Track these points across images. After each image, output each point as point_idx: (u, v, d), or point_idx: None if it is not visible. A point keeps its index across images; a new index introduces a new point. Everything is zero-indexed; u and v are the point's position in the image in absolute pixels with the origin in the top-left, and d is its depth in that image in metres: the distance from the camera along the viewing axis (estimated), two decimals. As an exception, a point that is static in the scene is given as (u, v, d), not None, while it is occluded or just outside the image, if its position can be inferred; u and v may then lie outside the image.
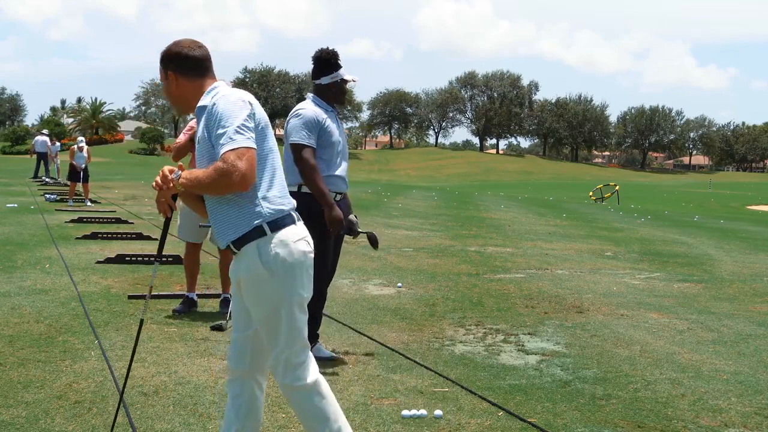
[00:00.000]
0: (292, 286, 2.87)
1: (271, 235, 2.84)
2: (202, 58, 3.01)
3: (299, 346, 2.92)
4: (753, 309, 7.45)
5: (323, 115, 4.91)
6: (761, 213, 31.90)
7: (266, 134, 2.90)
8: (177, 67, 2.99)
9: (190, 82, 3.00)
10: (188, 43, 3.02)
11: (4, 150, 71.06)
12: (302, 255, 2.89)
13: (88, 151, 17.29)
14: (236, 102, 2.83)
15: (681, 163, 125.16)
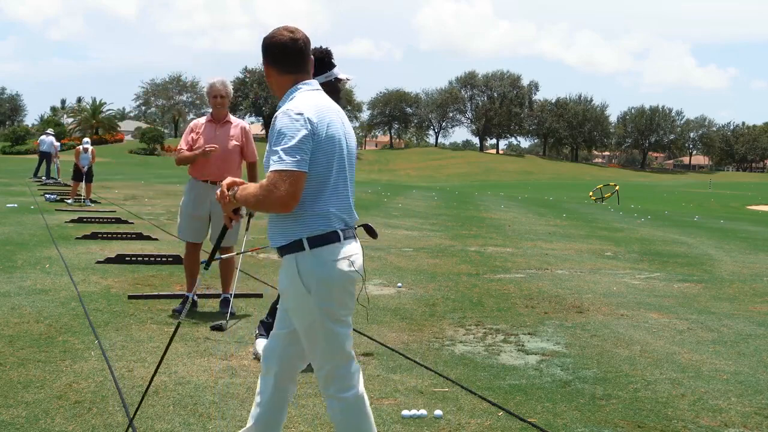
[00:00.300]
0: (329, 304, 2.85)
1: (309, 251, 2.82)
2: (292, 52, 2.92)
3: (339, 360, 2.90)
4: (753, 309, 7.45)
5: None
6: (761, 213, 31.90)
7: (332, 148, 2.85)
8: (268, 57, 2.96)
9: (279, 76, 2.96)
10: (283, 33, 2.93)
11: (4, 150, 71.05)
12: (341, 274, 2.84)
13: (92, 152, 17.31)
14: (296, 120, 2.77)
15: (681, 163, 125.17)
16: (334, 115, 2.92)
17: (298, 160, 2.73)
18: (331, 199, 2.87)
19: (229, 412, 3.93)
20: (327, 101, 2.95)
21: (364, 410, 2.95)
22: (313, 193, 2.82)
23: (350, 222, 2.93)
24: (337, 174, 2.89)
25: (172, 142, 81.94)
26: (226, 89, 6.17)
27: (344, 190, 2.93)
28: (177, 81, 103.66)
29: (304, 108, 2.82)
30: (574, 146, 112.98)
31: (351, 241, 2.91)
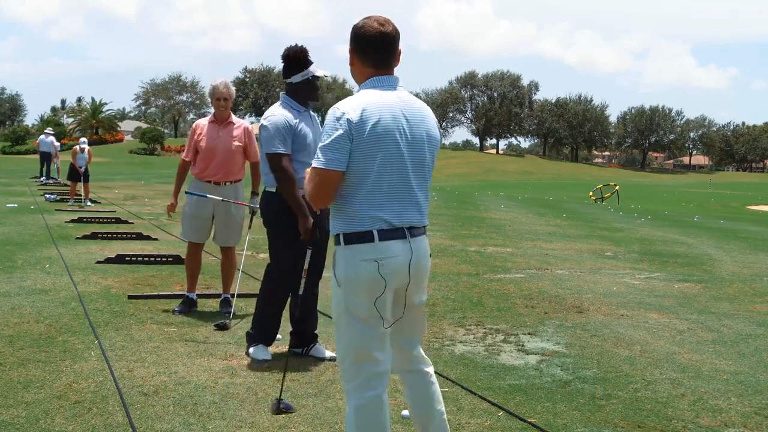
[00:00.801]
0: (353, 301, 2.88)
1: (344, 247, 2.89)
2: (379, 46, 2.91)
3: (360, 357, 2.90)
4: (753, 309, 7.45)
5: (294, 118, 4.85)
6: (761, 213, 31.90)
7: (376, 147, 2.83)
8: (354, 46, 2.97)
9: (362, 67, 2.97)
10: (372, 25, 2.92)
11: (4, 150, 71.11)
12: (365, 275, 2.84)
13: (89, 152, 17.29)
14: (336, 119, 2.83)
15: (681, 163, 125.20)
16: (387, 113, 2.86)
17: (328, 159, 2.80)
18: (369, 199, 2.85)
19: (229, 412, 3.93)
20: (384, 99, 2.88)
21: (380, 415, 2.90)
22: (350, 191, 2.86)
23: (397, 223, 2.88)
24: (384, 173, 2.85)
25: (172, 142, 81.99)
26: (229, 91, 6.17)
27: (393, 189, 2.88)
28: (177, 81, 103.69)
29: (349, 108, 2.84)
30: (574, 146, 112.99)
31: (390, 243, 2.86)
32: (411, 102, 2.98)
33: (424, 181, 2.98)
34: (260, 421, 3.82)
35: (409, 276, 2.91)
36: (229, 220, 6.25)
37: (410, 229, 2.91)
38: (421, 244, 2.96)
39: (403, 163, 2.89)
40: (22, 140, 75.22)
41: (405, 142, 2.89)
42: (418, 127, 2.95)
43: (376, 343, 2.91)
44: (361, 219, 2.85)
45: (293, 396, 4.23)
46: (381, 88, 2.93)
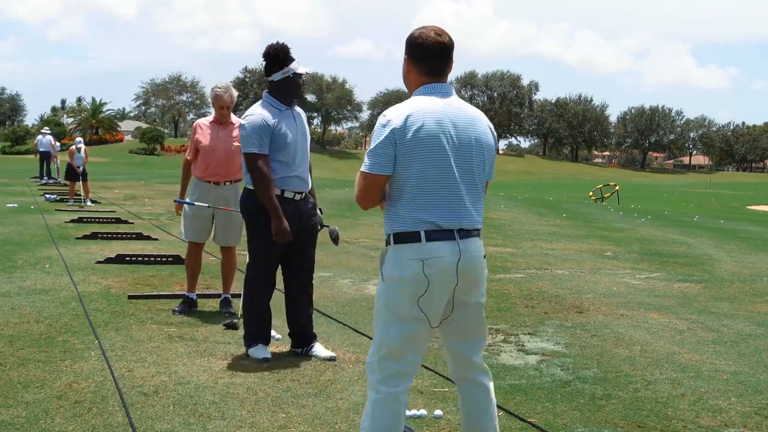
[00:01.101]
0: (391, 299, 2.96)
1: (393, 246, 2.98)
2: (435, 56, 3.00)
3: (391, 353, 2.96)
4: (753, 309, 7.45)
5: (272, 118, 4.87)
6: (761, 213, 31.89)
7: (421, 151, 2.90)
8: (410, 53, 3.04)
9: (417, 75, 3.04)
10: (430, 35, 3.00)
11: (4, 150, 71.08)
12: (410, 274, 2.90)
13: (85, 152, 17.28)
14: (382, 125, 2.93)
15: (681, 163, 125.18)
16: (432, 119, 2.92)
17: (372, 163, 2.91)
18: (415, 201, 2.93)
19: (229, 412, 3.93)
20: (431, 105, 2.95)
21: (395, 412, 2.96)
22: (398, 193, 2.96)
23: (444, 224, 2.93)
24: (429, 176, 2.92)
25: (172, 142, 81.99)
26: (231, 99, 6.19)
27: (439, 192, 2.93)
28: (177, 81, 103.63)
29: (395, 114, 2.93)
30: (574, 146, 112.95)
31: (438, 243, 2.91)
32: (461, 108, 3.06)
33: (473, 184, 3.02)
34: (260, 421, 3.83)
35: (457, 278, 2.95)
36: (229, 220, 6.25)
37: (460, 231, 2.96)
38: (471, 245, 2.99)
39: (449, 166, 2.95)
40: (22, 140, 75.16)
41: (451, 146, 2.95)
42: (466, 132, 3.01)
43: (410, 345, 2.97)
44: (408, 220, 2.94)
45: (293, 396, 4.23)
46: (431, 95, 3.01)
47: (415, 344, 2.98)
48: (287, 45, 5.01)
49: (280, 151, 4.88)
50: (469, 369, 3.12)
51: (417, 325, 2.94)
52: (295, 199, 4.95)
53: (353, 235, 13.01)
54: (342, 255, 10.11)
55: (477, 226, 3.03)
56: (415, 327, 2.94)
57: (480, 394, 3.12)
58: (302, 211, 5.01)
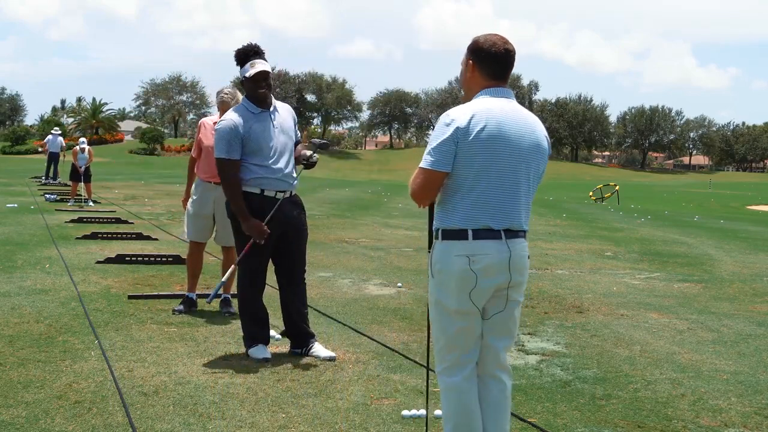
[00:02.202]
0: (443, 293, 3.07)
1: (441, 242, 3.07)
2: (499, 60, 3.09)
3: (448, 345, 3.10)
4: (753, 309, 7.45)
5: (243, 122, 4.88)
6: (761, 213, 31.89)
7: (481, 151, 2.97)
8: (476, 57, 3.12)
9: (480, 78, 3.13)
10: (497, 41, 3.10)
11: (4, 150, 71.08)
12: (456, 269, 3.01)
13: (89, 152, 17.29)
14: (445, 124, 3.00)
15: (681, 163, 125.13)
16: (494, 121, 2.99)
17: (433, 160, 2.99)
18: (469, 200, 3.02)
19: (229, 412, 3.93)
20: (494, 108, 3.03)
21: (463, 398, 3.09)
22: (452, 191, 3.04)
23: (494, 225, 3.02)
24: (486, 177, 3.00)
25: (172, 142, 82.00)
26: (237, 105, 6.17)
27: (493, 193, 3.02)
28: (177, 81, 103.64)
29: (459, 114, 3.01)
30: (574, 146, 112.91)
31: (484, 242, 3.01)
32: (522, 113, 3.12)
33: (527, 188, 3.11)
34: (260, 421, 3.83)
35: (509, 273, 3.06)
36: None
37: (507, 231, 3.06)
38: (518, 244, 3.11)
39: (507, 169, 3.03)
40: (22, 140, 75.20)
41: (511, 149, 3.02)
42: (526, 136, 3.07)
43: (461, 337, 3.09)
44: (459, 217, 3.03)
45: (293, 396, 4.23)
46: (494, 99, 3.08)
47: (466, 336, 3.09)
48: (252, 45, 5.03)
49: (254, 155, 4.90)
50: (495, 365, 3.18)
51: (466, 318, 3.07)
52: (277, 198, 4.94)
53: (353, 235, 13.01)
54: (342, 255, 10.11)
55: (524, 228, 3.16)
56: (464, 320, 3.07)
57: (500, 392, 3.19)
58: (286, 210, 4.98)
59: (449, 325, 3.08)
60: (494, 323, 3.14)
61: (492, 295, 3.08)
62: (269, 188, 4.92)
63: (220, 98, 6.22)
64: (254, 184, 4.90)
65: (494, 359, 3.18)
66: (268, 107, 5.02)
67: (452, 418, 3.11)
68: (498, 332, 3.16)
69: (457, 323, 3.07)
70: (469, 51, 3.15)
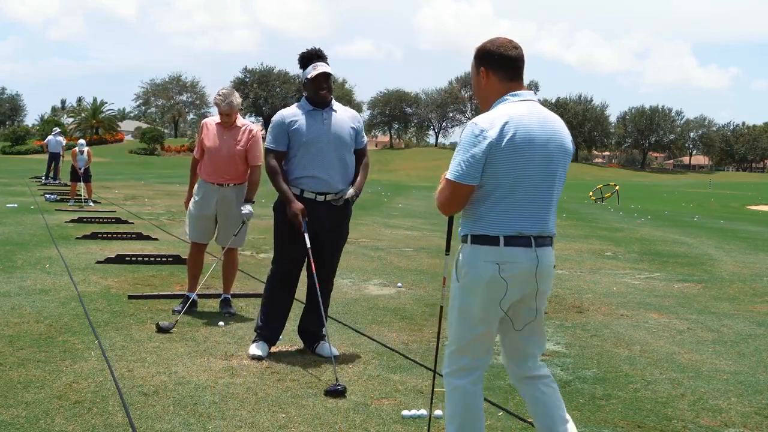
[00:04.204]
0: (465, 298, 3.04)
1: (470, 246, 3.04)
2: (512, 61, 3.07)
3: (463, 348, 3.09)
4: (753, 309, 7.46)
5: (292, 117, 4.98)
6: (761, 213, 31.89)
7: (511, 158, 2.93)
8: (488, 63, 3.08)
9: (497, 83, 3.09)
10: (505, 43, 3.08)
11: (4, 150, 71.05)
12: (485, 275, 2.97)
13: (88, 153, 17.29)
14: (474, 134, 2.93)
15: (681, 163, 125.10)
16: (523, 127, 2.96)
17: (460, 172, 2.93)
18: (500, 207, 2.97)
19: (229, 412, 3.93)
20: (521, 113, 2.99)
21: (467, 402, 3.09)
22: (482, 198, 2.99)
23: (525, 232, 2.98)
24: (517, 184, 2.96)
25: (172, 142, 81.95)
26: (231, 107, 6.12)
27: (524, 200, 2.98)
28: (177, 81, 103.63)
29: (488, 123, 2.95)
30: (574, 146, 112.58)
31: (515, 249, 2.97)
32: (546, 115, 3.10)
33: (555, 191, 3.09)
34: (260, 421, 3.83)
35: (536, 282, 3.01)
36: (231, 221, 6.25)
37: (536, 237, 3.02)
38: (546, 252, 3.06)
39: (537, 174, 3.00)
40: (22, 140, 75.14)
41: (540, 155, 3.00)
42: (552, 140, 3.06)
43: (479, 342, 3.08)
44: (489, 224, 2.99)
45: (293, 396, 4.23)
46: (519, 103, 3.05)
47: (484, 341, 3.09)
48: (315, 49, 5.09)
49: (294, 150, 4.98)
50: (532, 367, 3.17)
51: (488, 323, 3.05)
52: (317, 200, 4.95)
53: (353, 235, 13.00)
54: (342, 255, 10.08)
55: (553, 232, 3.11)
56: (485, 325, 3.05)
57: (546, 386, 3.16)
58: (320, 214, 4.97)
59: (470, 330, 3.05)
60: (528, 332, 3.12)
61: (518, 302, 3.05)
62: (307, 189, 4.95)
63: (214, 100, 6.22)
64: (295, 184, 4.97)
65: (530, 362, 3.16)
66: (322, 107, 5.03)
67: (456, 419, 3.11)
68: (533, 341, 3.15)
69: (478, 328, 3.05)
70: (478, 59, 3.11)
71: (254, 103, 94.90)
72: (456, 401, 3.11)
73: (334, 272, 5.28)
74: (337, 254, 5.26)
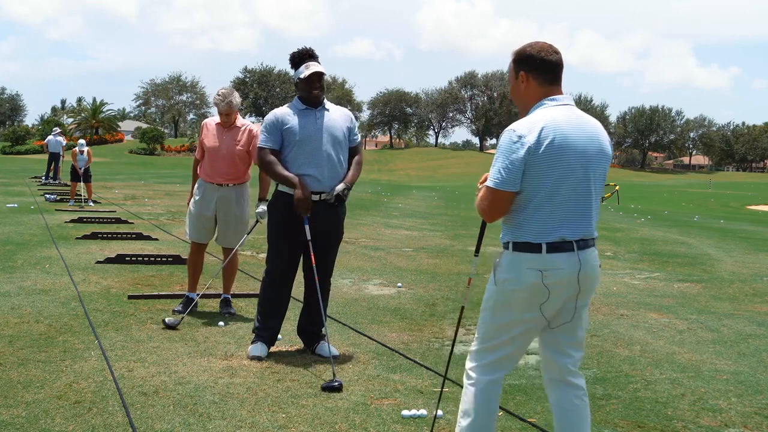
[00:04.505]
0: (503, 301, 3.02)
1: (511, 253, 3.03)
2: (552, 66, 3.06)
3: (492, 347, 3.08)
4: (753, 309, 7.46)
5: (285, 116, 4.98)
6: (761, 213, 31.89)
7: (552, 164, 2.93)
8: (527, 66, 3.07)
9: (536, 86, 3.07)
10: (545, 47, 3.07)
11: (4, 150, 71.03)
12: (526, 282, 2.96)
13: (88, 153, 17.28)
14: (512, 141, 2.93)
15: (681, 163, 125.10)
16: (562, 132, 2.95)
17: (500, 179, 2.93)
18: (541, 213, 2.96)
19: (229, 412, 3.93)
20: (560, 118, 2.98)
21: (488, 402, 3.08)
22: (523, 204, 2.98)
23: (568, 237, 2.98)
24: (558, 189, 2.96)
25: (172, 142, 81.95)
26: (230, 107, 6.10)
27: (566, 205, 2.99)
28: (177, 81, 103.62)
29: (527, 128, 2.94)
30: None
31: (557, 255, 2.96)
32: (584, 119, 3.10)
33: (596, 194, 3.11)
34: (260, 421, 3.83)
35: (578, 286, 3.01)
36: (231, 221, 6.25)
37: (578, 241, 3.01)
38: (589, 255, 3.06)
39: (577, 179, 3.00)
40: (22, 140, 75.14)
41: (580, 158, 3.00)
42: (592, 143, 3.06)
43: (510, 345, 3.07)
44: (531, 231, 2.98)
45: (293, 396, 4.23)
46: (556, 108, 3.04)
47: (515, 343, 3.07)
48: (307, 48, 5.09)
49: (287, 148, 4.97)
50: (568, 372, 3.14)
51: (523, 327, 3.04)
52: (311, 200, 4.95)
53: (353, 235, 13.01)
54: (342, 255, 10.08)
55: (595, 235, 3.11)
56: (520, 329, 3.04)
57: (577, 398, 3.13)
58: (319, 213, 4.97)
59: (505, 330, 3.04)
60: (563, 331, 3.10)
61: (561, 305, 3.04)
62: None
63: (213, 100, 6.23)
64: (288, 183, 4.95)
65: (567, 366, 3.14)
66: (315, 106, 5.03)
67: (471, 415, 3.09)
68: (568, 341, 3.12)
69: (514, 330, 3.04)
70: (517, 63, 3.09)
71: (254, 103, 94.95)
72: (474, 397, 3.09)
73: (330, 272, 5.27)
74: (333, 253, 5.25)
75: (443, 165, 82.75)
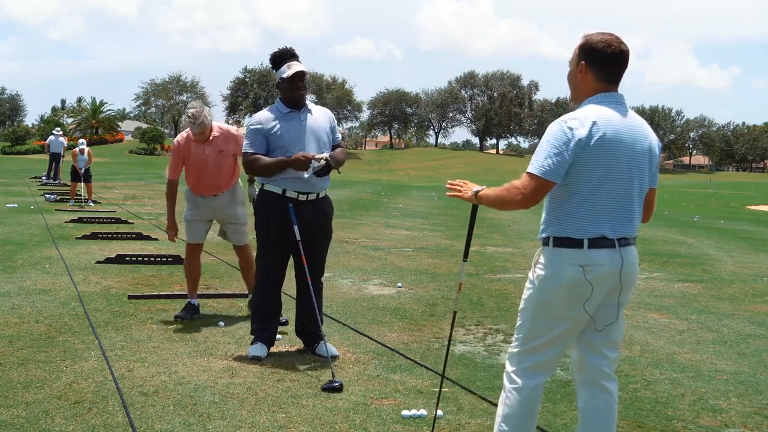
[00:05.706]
0: (547, 299, 2.99)
1: (551, 249, 2.99)
2: (615, 62, 2.99)
3: (534, 348, 3.04)
4: (753, 309, 7.46)
5: (268, 120, 4.96)
6: (761, 213, 31.90)
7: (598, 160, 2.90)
8: (589, 58, 3.01)
9: (593, 80, 3.02)
10: (614, 43, 2.99)
11: (4, 150, 71.03)
12: (567, 278, 2.94)
13: (89, 153, 17.28)
14: (562, 132, 2.90)
15: (681, 163, 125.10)
16: (612, 128, 2.93)
17: (545, 168, 2.89)
18: (585, 209, 2.94)
19: (229, 412, 3.93)
20: (612, 115, 2.96)
21: (531, 405, 3.04)
22: (567, 199, 2.96)
23: (609, 234, 2.97)
24: (603, 185, 2.94)
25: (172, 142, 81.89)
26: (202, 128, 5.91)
27: (610, 202, 2.97)
28: (177, 81, 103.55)
29: (578, 122, 2.92)
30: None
31: (599, 251, 2.95)
32: (635, 119, 3.07)
33: (641, 194, 3.09)
34: (260, 421, 3.83)
35: (620, 283, 3.02)
36: (232, 221, 6.24)
37: (620, 239, 3.02)
38: (629, 252, 3.07)
39: (624, 176, 2.98)
40: (22, 140, 75.13)
41: (628, 156, 2.98)
42: (641, 142, 3.03)
43: (555, 343, 3.04)
44: (574, 227, 2.96)
45: (293, 396, 4.23)
46: (608, 104, 3.00)
47: (558, 343, 3.05)
48: (288, 48, 5.06)
49: (273, 152, 4.95)
50: (603, 375, 3.12)
51: (566, 326, 3.01)
52: (299, 200, 4.95)
53: (353, 235, 13.01)
54: (342, 255, 10.11)
55: (636, 234, 3.11)
56: (563, 327, 3.01)
57: (606, 403, 3.11)
58: (306, 213, 4.98)
59: (548, 330, 3.01)
60: (606, 333, 3.09)
61: (601, 302, 3.02)
62: (291, 189, 4.94)
63: (183, 122, 6.11)
64: (276, 183, 4.95)
65: (601, 367, 3.12)
66: (298, 108, 5.02)
67: (512, 419, 3.05)
68: (604, 340, 3.10)
69: (558, 328, 3.00)
70: (581, 51, 3.04)
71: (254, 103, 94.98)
72: (519, 402, 3.04)
73: (321, 271, 5.25)
74: (323, 252, 5.23)
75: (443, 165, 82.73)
